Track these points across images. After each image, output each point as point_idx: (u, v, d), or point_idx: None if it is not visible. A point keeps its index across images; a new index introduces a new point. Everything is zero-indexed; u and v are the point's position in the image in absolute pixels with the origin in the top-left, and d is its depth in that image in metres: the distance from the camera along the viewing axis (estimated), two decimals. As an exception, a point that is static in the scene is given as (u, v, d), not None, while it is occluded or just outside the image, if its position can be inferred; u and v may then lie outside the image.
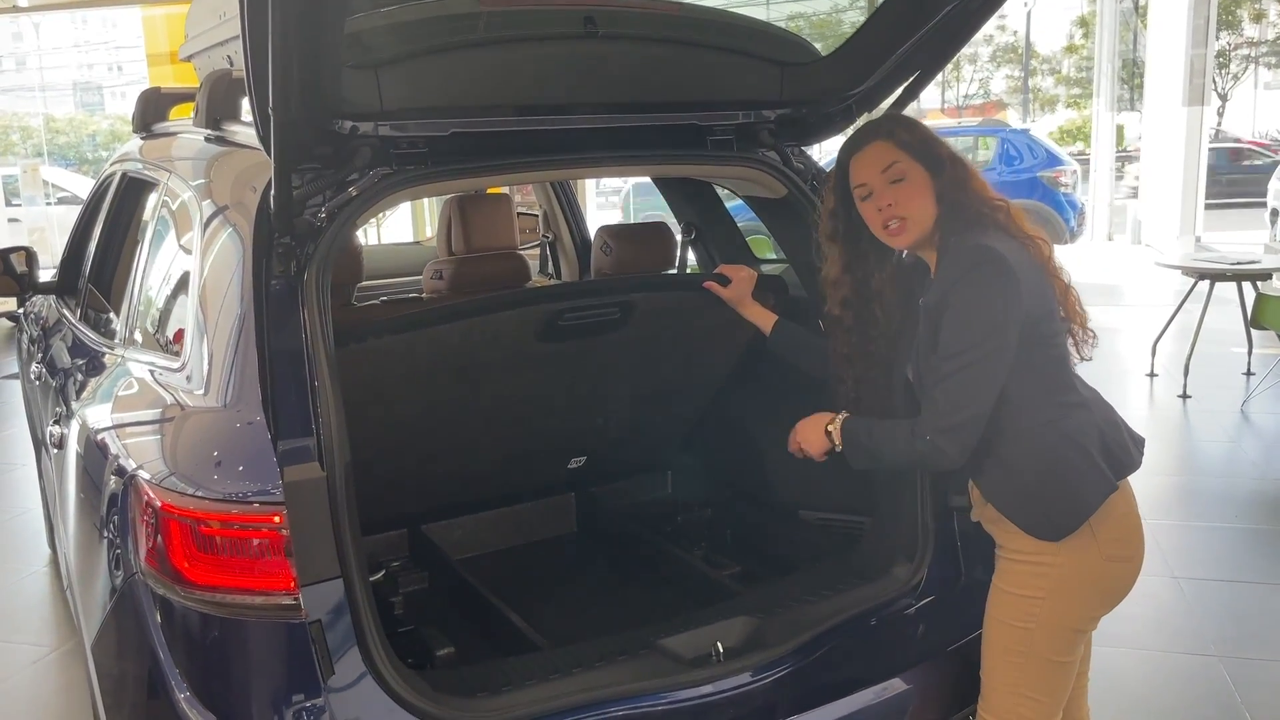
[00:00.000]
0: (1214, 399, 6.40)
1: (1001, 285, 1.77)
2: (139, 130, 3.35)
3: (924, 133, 1.94)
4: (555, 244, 4.46)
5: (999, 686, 1.95)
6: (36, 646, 3.79)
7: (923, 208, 1.89)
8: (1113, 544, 1.86)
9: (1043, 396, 1.85)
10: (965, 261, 1.81)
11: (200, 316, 2.03)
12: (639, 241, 2.92)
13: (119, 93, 40.99)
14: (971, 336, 1.77)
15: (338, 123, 2.00)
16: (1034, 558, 1.87)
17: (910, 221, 1.90)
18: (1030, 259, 1.85)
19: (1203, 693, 3.19)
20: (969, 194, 1.89)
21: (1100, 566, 1.86)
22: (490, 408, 2.61)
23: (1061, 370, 1.88)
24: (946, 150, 1.93)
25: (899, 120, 1.98)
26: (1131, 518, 1.90)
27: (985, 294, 1.78)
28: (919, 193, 1.89)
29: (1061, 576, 1.85)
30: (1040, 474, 1.86)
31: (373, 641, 1.75)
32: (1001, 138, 12.15)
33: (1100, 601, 1.90)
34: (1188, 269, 6.84)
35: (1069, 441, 1.84)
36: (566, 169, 2.46)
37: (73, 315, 3.35)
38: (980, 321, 1.77)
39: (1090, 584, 1.87)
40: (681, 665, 1.95)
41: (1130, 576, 1.92)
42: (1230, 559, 4.18)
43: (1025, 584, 1.89)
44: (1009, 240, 1.85)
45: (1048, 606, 1.87)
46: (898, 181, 1.90)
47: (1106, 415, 1.92)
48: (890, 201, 1.90)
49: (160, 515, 1.75)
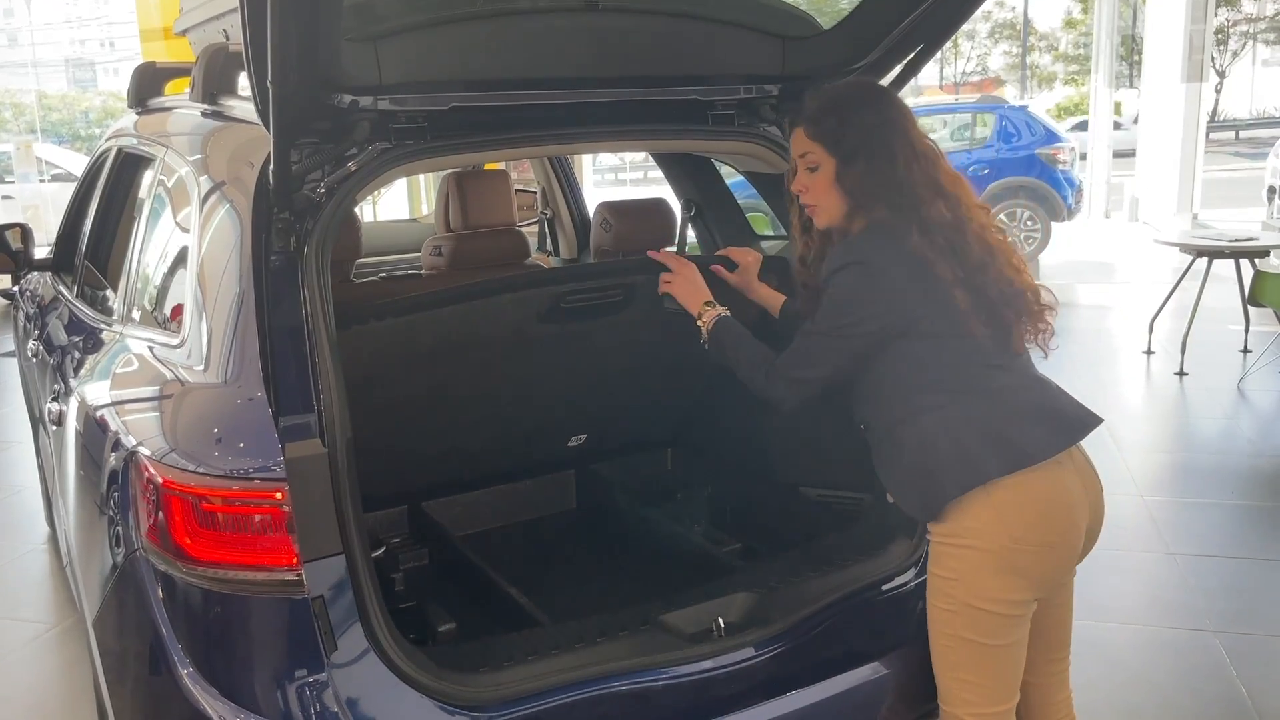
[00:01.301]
0: (1211, 376, 6.41)
1: (869, 284, 1.88)
2: (134, 105, 3.32)
3: (847, 122, 1.93)
4: (554, 221, 4.45)
5: (940, 669, 1.95)
6: (35, 624, 3.80)
7: (830, 199, 1.97)
8: (1022, 527, 1.84)
9: (925, 386, 1.89)
10: (840, 259, 1.91)
11: (199, 293, 2.02)
12: (639, 218, 2.91)
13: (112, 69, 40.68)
14: (833, 321, 1.92)
15: (336, 96, 1.98)
16: (946, 539, 1.89)
17: (819, 209, 2.00)
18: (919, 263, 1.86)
19: (1197, 667, 3.21)
20: (885, 189, 1.91)
21: (1010, 549, 1.84)
22: (491, 387, 2.60)
23: (953, 362, 1.89)
24: (870, 141, 1.91)
25: (825, 107, 1.97)
26: (1053, 503, 1.86)
27: (853, 292, 1.90)
28: (828, 185, 1.96)
29: (972, 558, 1.85)
30: (913, 458, 1.91)
31: (375, 617, 1.75)
32: (999, 114, 12.08)
33: (1018, 585, 1.86)
34: (1185, 246, 6.84)
35: (944, 429, 1.87)
36: (566, 144, 2.45)
37: (69, 292, 3.34)
38: (841, 313, 1.91)
39: (1000, 567, 1.85)
40: (682, 640, 1.96)
41: (1053, 562, 1.89)
42: (1225, 535, 4.20)
43: (942, 564, 1.91)
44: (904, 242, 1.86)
45: (963, 587, 1.87)
46: (812, 170, 1.97)
47: (1021, 405, 1.89)
48: (804, 188, 2.00)
49: (162, 491, 1.74)
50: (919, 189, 1.89)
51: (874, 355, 1.91)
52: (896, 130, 1.93)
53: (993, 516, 1.84)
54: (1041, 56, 39.20)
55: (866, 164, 1.91)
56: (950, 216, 1.88)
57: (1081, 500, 1.91)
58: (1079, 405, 1.95)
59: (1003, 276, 1.90)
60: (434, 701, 1.75)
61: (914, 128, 1.96)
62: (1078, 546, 1.92)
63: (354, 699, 1.71)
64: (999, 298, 1.89)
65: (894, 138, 1.92)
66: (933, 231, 1.87)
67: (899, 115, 1.95)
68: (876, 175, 1.91)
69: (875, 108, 1.96)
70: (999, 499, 1.83)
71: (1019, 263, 1.95)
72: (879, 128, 1.92)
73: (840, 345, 1.92)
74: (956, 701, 1.94)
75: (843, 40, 2.35)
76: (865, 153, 1.91)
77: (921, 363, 1.89)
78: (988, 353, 1.90)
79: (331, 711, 1.68)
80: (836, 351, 1.92)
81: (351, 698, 1.70)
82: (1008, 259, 1.93)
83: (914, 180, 1.89)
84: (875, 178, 1.91)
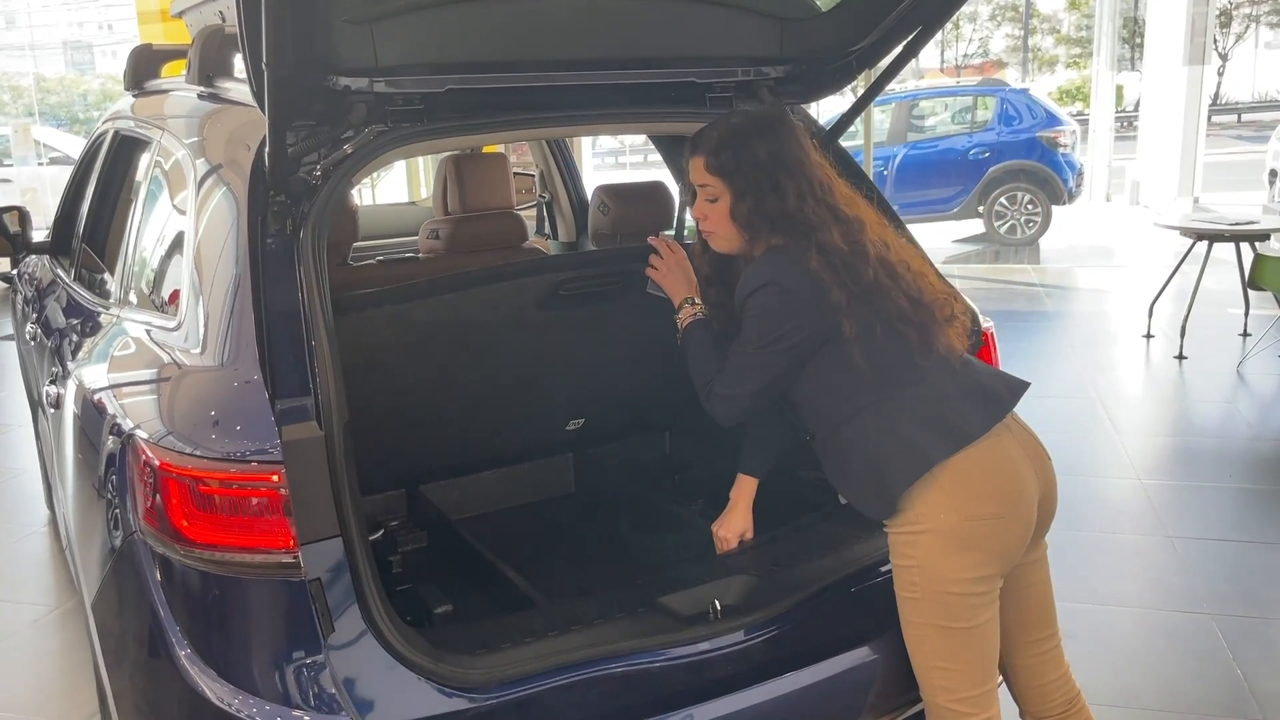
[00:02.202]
0: (1210, 360, 6.41)
1: (785, 304, 1.93)
2: (131, 88, 3.31)
3: (741, 156, 1.97)
4: (552, 204, 4.44)
5: (915, 656, 1.96)
6: (36, 606, 3.81)
7: (727, 230, 2.02)
8: (972, 503, 1.86)
9: (858, 385, 1.93)
10: (753, 281, 1.96)
11: (196, 276, 2.02)
12: (637, 201, 2.90)
13: (110, 51, 40.53)
14: (756, 341, 1.96)
15: (332, 79, 1.98)
16: (901, 528, 1.91)
17: (717, 237, 2.05)
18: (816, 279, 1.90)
19: (1195, 650, 3.22)
20: (776, 221, 1.96)
21: (961, 526, 1.86)
22: (489, 372, 2.60)
23: (888, 366, 1.92)
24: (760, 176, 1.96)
25: (723, 140, 1.99)
26: (997, 476, 1.89)
27: (765, 311, 1.95)
28: (723, 217, 2.01)
29: (927, 542, 1.87)
30: (858, 460, 1.95)
31: (372, 599, 1.75)
32: (1000, 97, 12.05)
33: (976, 562, 1.88)
34: (1186, 230, 6.82)
35: (883, 425, 1.92)
36: (563, 126, 2.44)
37: (67, 275, 3.34)
38: (761, 334, 1.96)
39: (955, 545, 1.86)
40: (679, 623, 1.96)
41: (1006, 534, 1.91)
42: (1224, 518, 4.20)
43: (901, 554, 1.92)
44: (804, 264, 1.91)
45: (923, 573, 1.89)
46: (711, 201, 2.02)
47: (950, 388, 1.93)
48: (703, 215, 2.05)
49: (159, 474, 1.74)
50: (810, 218, 1.94)
51: (806, 363, 1.96)
52: (787, 163, 1.96)
53: (941, 499, 1.86)
54: (1043, 39, 39.02)
55: (756, 200, 1.96)
56: (844, 245, 1.93)
57: (1027, 468, 1.93)
58: (1005, 375, 2.02)
59: (905, 296, 1.94)
60: (431, 683, 1.75)
61: (808, 158, 1.99)
62: (1030, 516, 1.94)
63: (351, 680, 1.71)
64: (898, 315, 1.93)
65: (783, 171, 1.95)
66: (830, 254, 1.92)
67: (792, 146, 1.98)
68: (767, 209, 1.96)
69: (769, 140, 1.98)
70: (945, 480, 1.86)
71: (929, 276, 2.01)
72: (769, 162, 1.96)
73: (768, 361, 1.96)
74: (935, 690, 1.95)
75: (841, 22, 2.33)
76: (755, 189, 1.96)
77: (850, 363, 1.92)
78: (912, 349, 1.94)
79: (329, 693, 1.69)
80: (764, 368, 1.97)
81: (349, 679, 1.71)
82: (913, 278, 1.97)
83: (805, 211, 1.94)
84: (766, 212, 1.96)
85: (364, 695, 1.71)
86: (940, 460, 1.86)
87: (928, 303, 1.96)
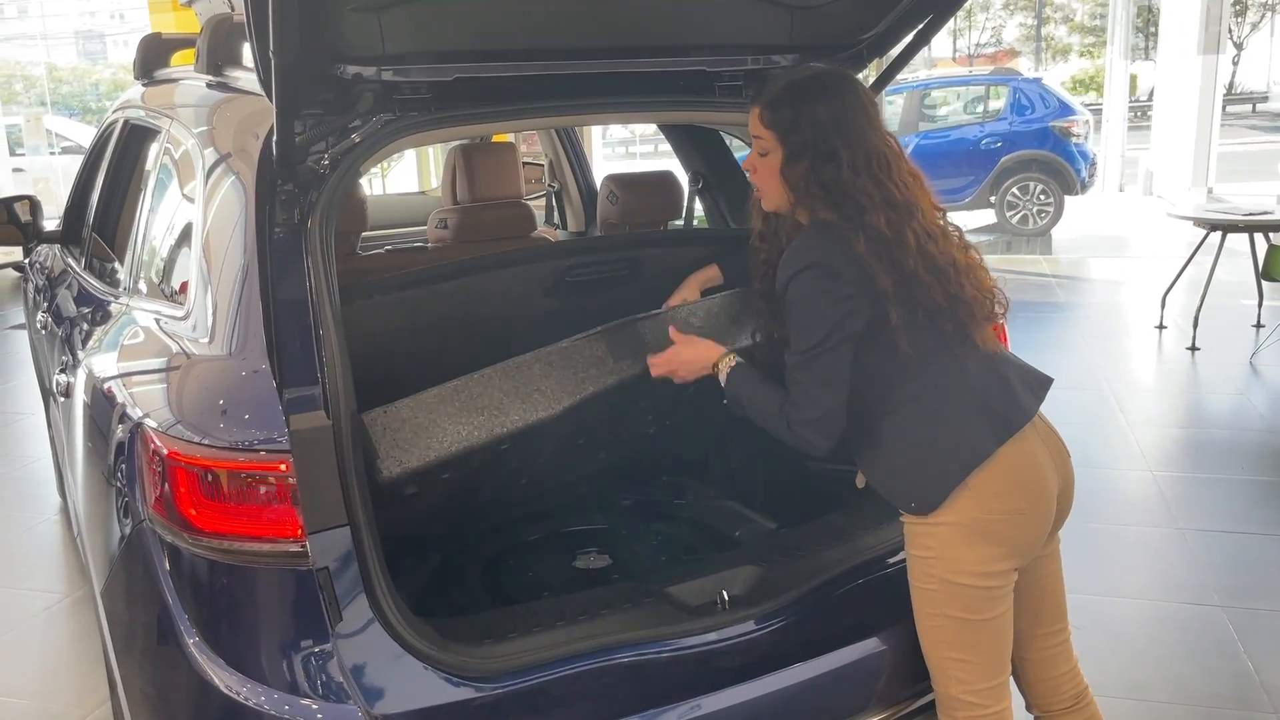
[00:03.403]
0: (1223, 351, 6.37)
1: (826, 288, 1.82)
2: (140, 77, 3.32)
3: (800, 115, 1.85)
4: (561, 193, 4.43)
5: (928, 650, 1.95)
6: (48, 594, 3.83)
7: (775, 188, 1.93)
8: (995, 498, 1.84)
9: (906, 376, 1.87)
10: (794, 263, 1.85)
11: (204, 265, 2.02)
12: (646, 191, 2.90)
13: (122, 41, 40.57)
14: (810, 337, 1.84)
15: (339, 67, 1.97)
16: (920, 519, 1.89)
17: (765, 195, 1.96)
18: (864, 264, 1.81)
19: (1205, 642, 3.20)
20: (826, 191, 1.84)
21: (982, 520, 1.84)
22: (496, 360, 2.60)
23: (930, 355, 1.86)
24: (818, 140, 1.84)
25: (784, 94, 1.88)
26: (1020, 471, 1.86)
27: (811, 297, 1.84)
28: (772, 174, 1.91)
29: (947, 534, 1.85)
30: (904, 451, 1.89)
31: (380, 589, 1.75)
32: (1013, 86, 11.98)
33: (995, 555, 1.86)
34: (1199, 220, 6.77)
35: (931, 417, 1.86)
36: (572, 115, 2.44)
37: (77, 264, 3.34)
38: (816, 321, 1.83)
39: (975, 538, 1.85)
40: (686, 613, 1.96)
41: (1026, 529, 1.89)
42: (1235, 510, 4.18)
43: (919, 544, 1.90)
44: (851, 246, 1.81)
45: (941, 565, 1.87)
46: (762, 155, 1.93)
47: (989, 378, 1.89)
48: (752, 168, 1.97)
49: (167, 463, 1.75)
50: (861, 196, 1.82)
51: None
52: (849, 130, 1.84)
53: (964, 491, 1.84)
54: (1057, 28, 38.77)
55: (809, 164, 1.85)
56: (887, 231, 1.81)
57: (1048, 464, 1.92)
58: (1031, 369, 1.97)
59: (944, 292, 1.84)
60: (439, 672, 1.75)
61: (872, 125, 1.87)
62: (1050, 512, 1.93)
63: (359, 669, 1.71)
64: (934, 309, 1.84)
65: (841, 138, 1.83)
66: (875, 240, 1.82)
67: (856, 113, 1.86)
68: (819, 176, 1.84)
69: (833, 103, 1.85)
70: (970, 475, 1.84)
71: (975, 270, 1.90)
72: (830, 125, 1.83)
73: (830, 361, 1.83)
74: (949, 681, 1.94)
75: (851, 9, 2.32)
76: (811, 152, 1.84)
77: (894, 352, 1.85)
78: (956, 344, 1.88)
79: (336, 681, 1.69)
80: (831, 369, 1.84)
81: (356, 667, 1.71)
82: (955, 273, 1.86)
83: (859, 186, 1.82)
84: (818, 178, 1.84)
85: (371, 683, 1.72)
86: (993, 451, 1.82)
87: (967, 300, 1.87)
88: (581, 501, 2.86)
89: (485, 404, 2.06)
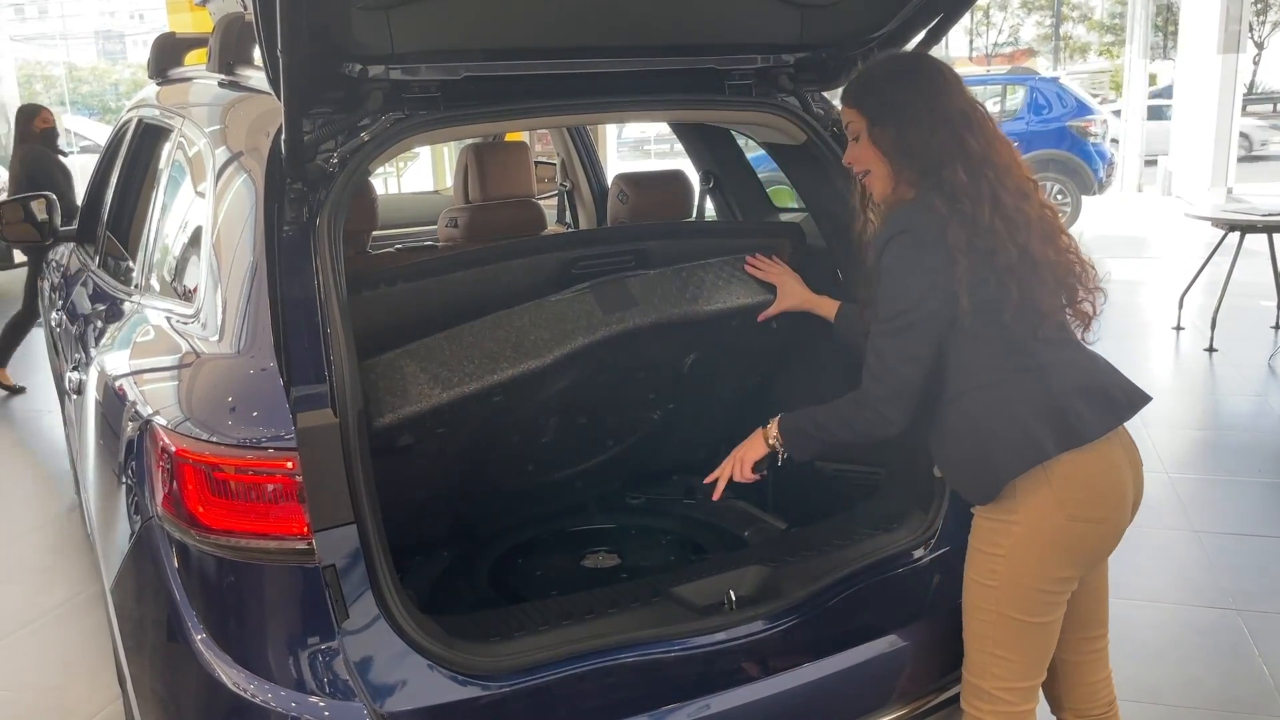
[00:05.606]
0: (1241, 353, 6.32)
1: (918, 255, 1.81)
2: (154, 76, 3.34)
3: (874, 82, 1.93)
4: (573, 193, 4.43)
5: (972, 642, 1.94)
6: (62, 590, 3.85)
7: (875, 163, 1.92)
8: (1076, 505, 1.83)
9: (980, 363, 1.85)
10: (888, 229, 1.85)
11: (214, 263, 2.03)
12: (656, 190, 2.89)
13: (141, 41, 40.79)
14: (897, 304, 1.83)
15: (348, 65, 1.98)
16: (996, 515, 1.87)
17: (871, 176, 1.95)
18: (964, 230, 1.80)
19: (1221, 646, 3.18)
20: (914, 154, 1.86)
21: (1063, 526, 1.83)
22: None
23: (1006, 338, 1.84)
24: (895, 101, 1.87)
25: (861, 75, 1.99)
26: (1104, 480, 1.86)
27: (903, 263, 1.83)
28: (867, 149, 1.92)
29: (1022, 534, 1.83)
30: (966, 439, 1.88)
31: (386, 586, 1.75)
32: (1030, 86, 11.92)
33: (1065, 561, 1.86)
34: (1218, 220, 6.72)
35: (998, 409, 1.84)
36: (581, 114, 2.43)
37: (92, 263, 3.37)
38: (902, 289, 1.83)
39: (1051, 543, 1.83)
40: (694, 613, 1.96)
41: (1101, 539, 1.89)
42: (1252, 513, 4.15)
43: (988, 540, 1.88)
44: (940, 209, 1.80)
45: (1009, 564, 1.85)
46: (855, 139, 1.95)
47: (1069, 382, 1.85)
48: (853, 159, 1.98)
49: (176, 460, 1.75)
50: (942, 152, 1.83)
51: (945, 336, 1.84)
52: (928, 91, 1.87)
53: (1048, 495, 1.82)
54: (1075, 27, 38.53)
55: (897, 127, 1.87)
56: (965, 179, 1.81)
57: (1129, 477, 1.91)
58: (1128, 382, 1.93)
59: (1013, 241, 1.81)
60: (445, 670, 1.75)
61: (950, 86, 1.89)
62: (1125, 524, 1.92)
63: (365, 666, 1.71)
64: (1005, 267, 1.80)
65: (924, 99, 1.86)
66: (949, 197, 1.81)
67: (932, 75, 1.90)
68: (905, 139, 1.86)
69: (907, 70, 1.94)
70: (1056, 478, 1.81)
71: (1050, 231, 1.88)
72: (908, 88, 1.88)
73: (911, 336, 1.82)
74: (986, 675, 1.93)
75: (862, 8, 2.31)
76: (894, 115, 1.87)
77: (969, 337, 1.84)
78: (1033, 327, 1.85)
79: (343, 679, 1.69)
80: (911, 343, 1.82)
81: (363, 665, 1.71)
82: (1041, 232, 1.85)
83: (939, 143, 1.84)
84: (904, 140, 1.86)
85: (378, 681, 1.72)
86: (1052, 455, 1.80)
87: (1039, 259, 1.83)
88: (591, 501, 2.86)
89: (475, 353, 2.10)
